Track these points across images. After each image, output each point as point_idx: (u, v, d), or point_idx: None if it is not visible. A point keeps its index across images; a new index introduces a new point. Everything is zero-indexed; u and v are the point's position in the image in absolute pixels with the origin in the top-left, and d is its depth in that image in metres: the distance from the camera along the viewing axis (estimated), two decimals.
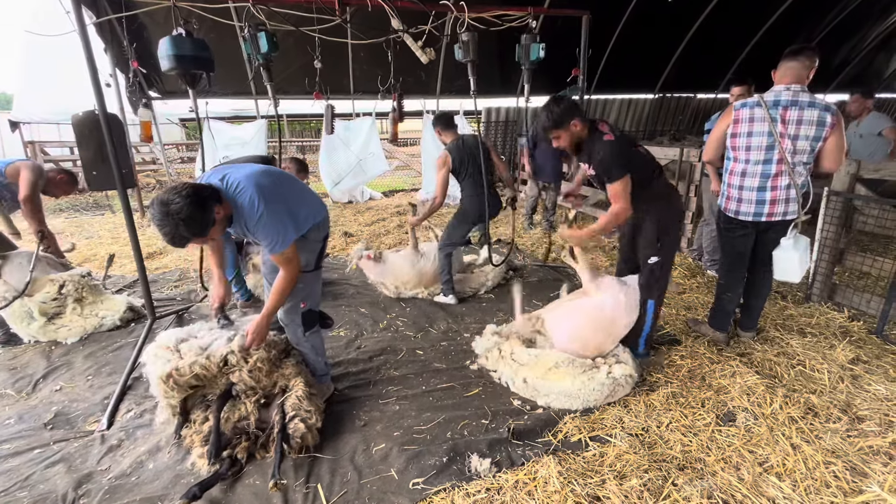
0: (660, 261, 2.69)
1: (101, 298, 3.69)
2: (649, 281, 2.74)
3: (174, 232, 1.83)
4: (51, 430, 2.38)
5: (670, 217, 2.70)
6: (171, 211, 1.80)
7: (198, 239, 1.93)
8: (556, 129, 2.51)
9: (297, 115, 12.80)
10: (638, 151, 2.63)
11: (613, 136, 2.48)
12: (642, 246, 2.75)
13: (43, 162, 9.56)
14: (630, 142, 2.63)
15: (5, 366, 3.02)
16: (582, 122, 2.50)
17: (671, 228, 2.71)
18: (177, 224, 1.81)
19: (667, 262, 2.73)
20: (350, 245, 5.78)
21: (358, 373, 2.87)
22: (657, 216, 2.66)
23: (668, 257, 2.73)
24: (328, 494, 1.93)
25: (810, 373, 2.72)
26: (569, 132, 2.51)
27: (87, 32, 2.74)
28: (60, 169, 3.68)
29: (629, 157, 2.51)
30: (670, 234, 2.70)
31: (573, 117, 2.47)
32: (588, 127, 2.54)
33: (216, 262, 2.50)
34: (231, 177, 2.05)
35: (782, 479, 1.97)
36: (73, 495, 1.93)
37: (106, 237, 6.36)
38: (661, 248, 2.67)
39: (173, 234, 1.84)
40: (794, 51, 2.58)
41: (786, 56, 2.60)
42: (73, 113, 3.33)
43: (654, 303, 2.76)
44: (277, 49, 3.17)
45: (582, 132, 2.53)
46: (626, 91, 10.19)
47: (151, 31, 6.05)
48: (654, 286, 2.74)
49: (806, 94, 2.53)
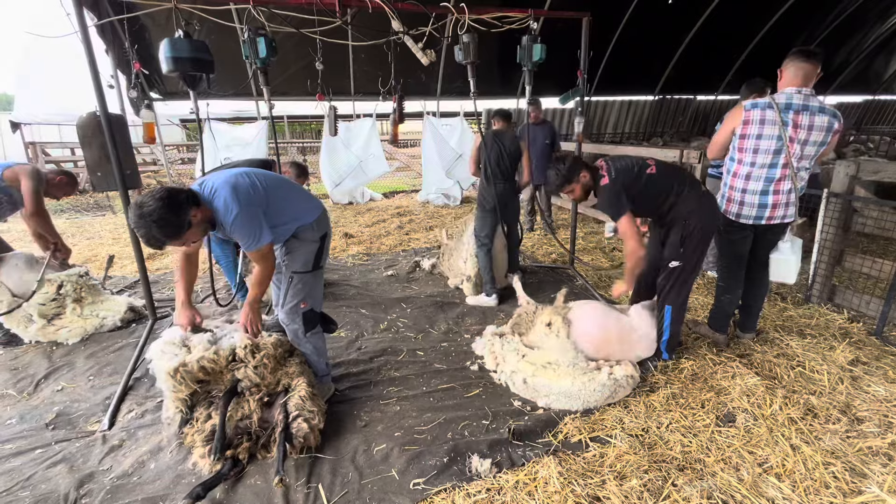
0: (680, 266, 2.69)
1: (101, 299, 3.70)
2: (667, 284, 2.75)
3: (148, 234, 1.87)
4: (52, 430, 2.39)
5: (698, 224, 2.64)
6: (143, 213, 1.84)
7: (174, 241, 1.94)
8: (568, 185, 2.71)
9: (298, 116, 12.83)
10: (649, 176, 2.65)
11: (609, 178, 2.63)
12: (666, 247, 2.77)
13: (44, 163, 9.58)
14: (634, 173, 2.65)
15: (7, 366, 3.03)
16: (587, 170, 2.70)
17: (697, 235, 2.65)
18: (149, 226, 1.84)
19: (688, 268, 2.71)
20: (351, 246, 5.79)
21: (359, 373, 2.88)
22: (683, 223, 2.65)
23: (689, 264, 2.70)
24: (329, 494, 1.94)
25: (810, 374, 2.73)
26: (580, 184, 2.71)
27: (88, 34, 2.75)
28: (60, 170, 3.68)
29: (631, 191, 2.63)
30: (695, 241, 2.66)
31: (580, 171, 2.68)
32: (591, 173, 2.71)
33: (183, 284, 2.39)
34: (209, 181, 2.08)
35: (782, 479, 1.98)
36: (76, 495, 1.94)
37: (107, 237, 6.37)
38: (684, 254, 2.68)
39: (148, 236, 1.88)
40: (805, 52, 2.52)
41: (796, 56, 2.54)
42: (77, 114, 3.34)
43: (672, 308, 2.76)
44: (276, 54, 3.19)
45: (589, 180, 2.71)
46: (627, 93, 10.21)
47: (153, 33, 6.07)
48: (672, 291, 2.74)
49: (815, 99, 2.54)
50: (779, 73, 2.64)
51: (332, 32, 3.41)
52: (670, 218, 2.70)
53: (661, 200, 2.69)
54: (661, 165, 2.73)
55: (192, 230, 1.96)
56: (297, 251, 2.34)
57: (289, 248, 2.35)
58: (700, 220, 2.62)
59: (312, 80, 5.20)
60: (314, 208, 2.39)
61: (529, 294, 3.35)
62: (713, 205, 2.72)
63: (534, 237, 5.99)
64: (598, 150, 7.20)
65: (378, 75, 5.70)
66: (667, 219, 2.72)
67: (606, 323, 2.73)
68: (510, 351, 2.76)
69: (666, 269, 2.75)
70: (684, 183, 2.68)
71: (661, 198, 2.68)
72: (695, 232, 2.63)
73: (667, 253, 2.75)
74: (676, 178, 2.70)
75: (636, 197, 2.66)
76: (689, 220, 2.62)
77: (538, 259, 5.14)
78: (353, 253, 5.50)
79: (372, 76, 7.01)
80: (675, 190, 2.65)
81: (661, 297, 2.82)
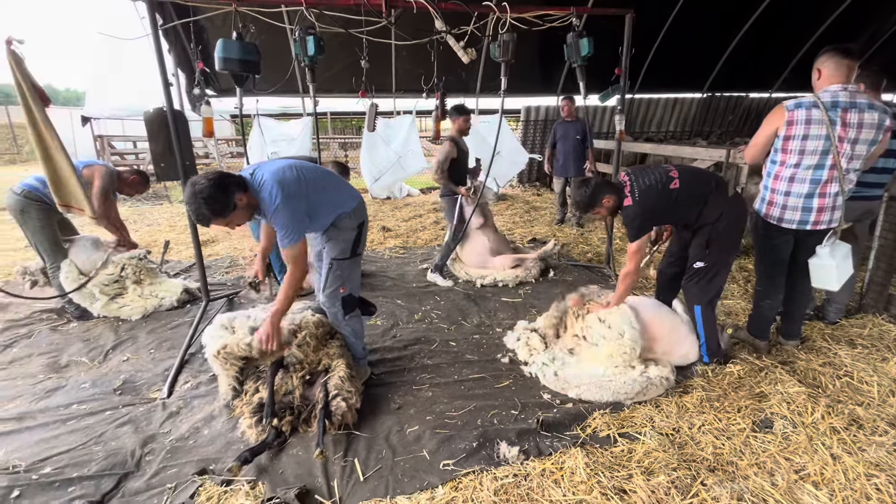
0: (705, 267, 2.67)
1: (159, 281, 4.02)
2: (691, 283, 2.74)
3: (198, 210, 2.05)
4: (119, 395, 2.64)
5: (726, 227, 2.61)
6: (195, 191, 2.03)
7: (219, 219, 2.11)
8: (591, 209, 2.79)
9: (341, 113, 13.21)
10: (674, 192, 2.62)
11: (632, 200, 2.64)
12: (692, 248, 2.75)
13: (110, 154, 10.34)
14: (658, 190, 2.63)
15: (80, 337, 3.36)
16: (611, 193, 2.72)
17: (725, 237, 2.63)
18: (199, 203, 2.03)
19: (713, 270, 2.68)
20: (388, 239, 5.96)
21: (393, 359, 3.01)
22: (712, 226, 2.63)
23: (714, 265, 2.68)
24: (364, 468, 2.06)
25: (858, 384, 2.62)
26: (604, 207, 2.76)
27: (159, 37, 2.99)
28: (134, 170, 3.99)
29: (656, 212, 2.67)
30: (722, 243, 2.63)
31: (603, 194, 2.72)
32: (616, 194, 2.71)
33: (262, 248, 2.84)
34: (259, 171, 2.25)
35: (819, 487, 1.93)
36: (140, 452, 2.16)
37: (164, 225, 6.85)
38: (709, 255, 2.65)
39: (197, 212, 2.06)
40: (842, 49, 2.42)
41: (833, 52, 2.43)
42: (139, 110, 3.63)
43: (702, 308, 2.73)
44: (323, 52, 3.35)
45: (613, 203, 2.74)
46: (672, 90, 9.88)
47: (210, 33, 6.44)
48: (698, 291, 2.72)
49: (862, 95, 2.42)
50: (816, 72, 2.52)
51: (377, 32, 3.54)
52: (699, 224, 2.69)
53: (692, 210, 2.68)
54: (686, 175, 2.67)
55: (237, 212, 2.14)
56: (336, 238, 2.48)
57: (329, 236, 2.50)
58: (728, 221, 2.59)
59: (357, 78, 5.38)
60: (352, 198, 2.52)
61: (562, 293, 3.38)
62: (742, 206, 2.69)
63: (570, 235, 5.95)
64: (639, 148, 7.03)
65: (420, 73, 5.81)
66: (695, 224, 2.71)
67: (660, 312, 2.81)
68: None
69: (691, 269, 2.73)
70: (710, 187, 2.65)
71: (692, 208, 2.67)
72: (722, 234, 2.60)
73: (692, 253, 2.73)
74: (703, 184, 2.67)
75: (664, 213, 2.69)
76: (718, 223, 2.59)
77: (573, 257, 5.11)
78: (390, 246, 5.66)
79: (414, 74, 7.15)
80: (704, 198, 2.63)
81: (688, 298, 2.81)
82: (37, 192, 3.43)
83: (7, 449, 2.17)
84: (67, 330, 3.48)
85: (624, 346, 2.55)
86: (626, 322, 2.61)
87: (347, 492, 1.94)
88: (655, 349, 2.71)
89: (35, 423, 2.37)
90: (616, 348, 2.56)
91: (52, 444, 2.21)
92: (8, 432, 2.30)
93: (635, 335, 2.58)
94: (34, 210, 3.44)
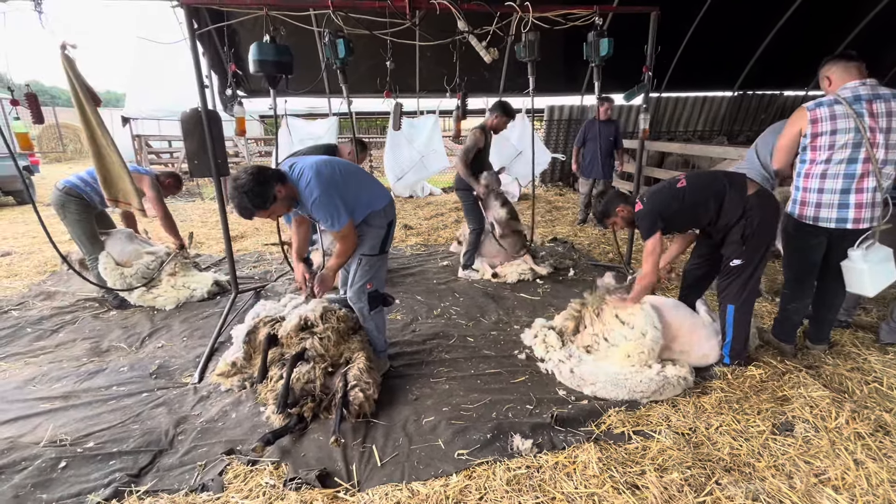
0: (743, 264, 2.63)
1: (191, 273, 4.22)
2: (728, 283, 2.70)
3: (241, 203, 2.17)
4: (155, 378, 2.81)
5: (761, 221, 2.56)
6: (237, 185, 2.15)
7: (261, 211, 2.23)
8: (607, 219, 3.00)
9: (365, 113, 13.41)
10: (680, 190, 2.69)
11: (642, 204, 2.78)
12: (727, 246, 2.70)
13: (147, 154, 10.80)
14: (666, 191, 2.74)
15: (119, 324, 3.57)
16: (624, 203, 2.92)
17: (760, 232, 2.57)
18: (241, 196, 2.15)
19: (750, 267, 2.63)
20: (410, 237, 6.05)
21: (412, 353, 3.08)
22: (745, 222, 2.58)
23: (751, 261, 2.62)
24: (381, 455, 2.14)
25: (887, 391, 2.54)
26: (619, 217, 2.95)
27: (196, 41, 3.15)
28: (168, 173, 4.24)
29: (668, 210, 2.71)
30: (758, 238, 2.58)
31: (617, 205, 2.92)
32: (629, 205, 2.89)
33: (295, 249, 2.86)
34: (297, 165, 2.37)
35: (839, 492, 1.89)
36: (174, 432, 2.30)
37: (196, 221, 7.14)
38: (746, 251, 2.60)
39: (240, 206, 2.18)
40: (846, 55, 2.45)
41: (837, 59, 2.48)
42: (175, 110, 3.82)
43: (735, 308, 2.68)
44: (353, 54, 3.45)
45: (628, 213, 2.91)
46: (701, 88, 9.65)
47: (242, 36, 6.68)
48: (735, 290, 2.68)
49: (883, 87, 2.36)
50: (825, 80, 2.52)
51: (401, 33, 3.62)
52: (723, 223, 2.65)
53: (707, 209, 2.65)
54: (692, 176, 2.76)
55: (277, 203, 2.25)
56: (366, 235, 2.57)
57: (359, 232, 2.59)
58: (761, 216, 2.53)
59: (381, 79, 5.49)
60: (384, 197, 2.61)
61: (580, 293, 3.38)
62: (774, 202, 2.62)
63: (591, 235, 5.91)
64: (665, 148, 6.91)
65: (443, 73, 5.89)
66: (719, 224, 2.68)
67: (680, 313, 2.80)
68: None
69: (727, 267, 2.69)
70: (722, 184, 2.63)
71: (706, 206, 2.65)
72: (758, 229, 2.55)
73: (728, 251, 2.68)
74: (711, 181, 2.69)
75: (677, 212, 2.70)
76: (751, 217, 2.54)
77: (594, 257, 5.08)
78: (411, 243, 5.76)
79: (437, 74, 7.22)
80: (718, 196, 2.61)
81: (722, 296, 2.75)
82: (77, 188, 3.67)
83: (55, 424, 2.35)
84: (108, 318, 3.70)
85: (644, 346, 2.55)
86: (650, 323, 2.60)
87: (365, 476, 2.02)
88: (674, 348, 2.70)
89: (79, 401, 2.55)
90: (635, 347, 2.56)
91: (95, 422, 2.37)
92: (55, 409, 2.48)
93: (657, 336, 2.58)
94: (73, 205, 3.68)
